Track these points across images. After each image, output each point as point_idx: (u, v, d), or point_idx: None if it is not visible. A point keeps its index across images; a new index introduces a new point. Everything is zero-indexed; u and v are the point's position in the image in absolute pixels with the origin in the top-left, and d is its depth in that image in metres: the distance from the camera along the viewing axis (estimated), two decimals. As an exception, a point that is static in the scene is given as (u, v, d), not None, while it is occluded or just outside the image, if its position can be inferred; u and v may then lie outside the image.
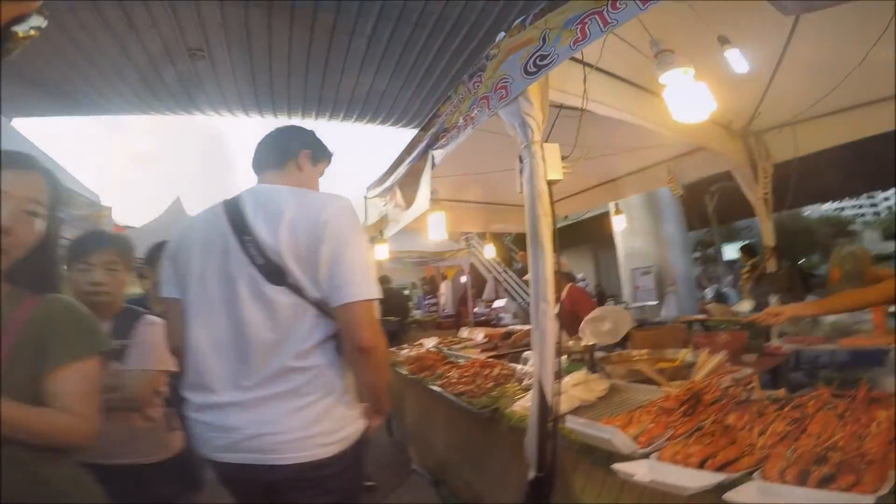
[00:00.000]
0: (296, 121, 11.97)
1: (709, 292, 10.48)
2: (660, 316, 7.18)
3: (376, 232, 4.11)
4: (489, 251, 5.71)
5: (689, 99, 1.80)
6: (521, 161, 1.64)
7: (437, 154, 2.52)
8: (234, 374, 1.12)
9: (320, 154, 1.40)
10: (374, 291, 1.12)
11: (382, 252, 4.36)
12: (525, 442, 1.53)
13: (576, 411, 1.69)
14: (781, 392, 1.42)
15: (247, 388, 1.10)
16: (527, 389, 2.17)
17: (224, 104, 10.29)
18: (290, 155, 1.33)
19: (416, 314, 9.03)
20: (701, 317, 4.55)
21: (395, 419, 4.26)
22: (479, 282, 13.72)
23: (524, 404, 1.85)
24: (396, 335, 6.51)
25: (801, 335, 2.79)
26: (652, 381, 1.95)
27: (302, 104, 10.66)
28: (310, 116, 11.50)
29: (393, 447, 4.06)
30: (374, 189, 3.79)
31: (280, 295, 1.11)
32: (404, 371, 3.24)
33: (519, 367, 2.54)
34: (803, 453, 0.97)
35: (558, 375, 1.49)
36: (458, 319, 8.31)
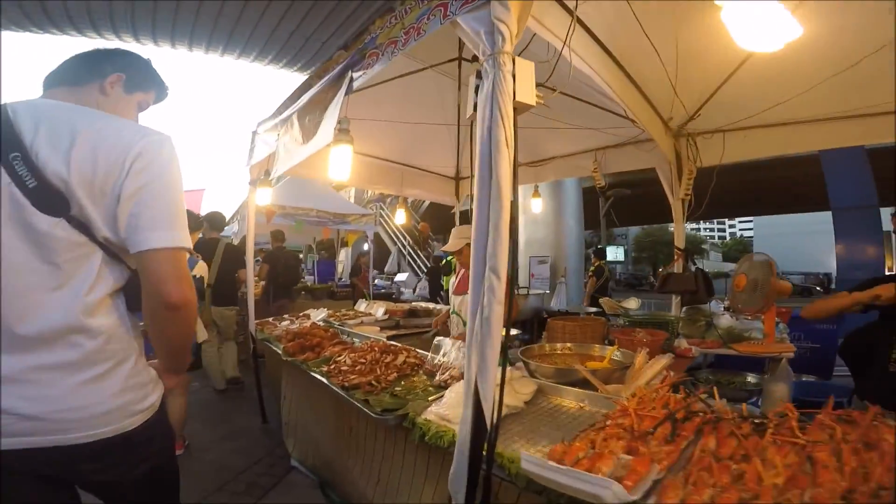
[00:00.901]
0: (201, 55, 9.70)
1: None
2: (551, 305, 7.51)
3: (260, 172, 3.32)
4: (400, 217, 5.16)
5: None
6: (479, 78, 1.17)
7: (358, 76, 1.91)
8: None
9: (139, 82, 1.18)
10: (185, 239, 0.98)
11: (265, 197, 3.56)
12: (451, 475, 1.10)
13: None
14: (744, 408, 1.20)
15: (15, 353, 0.89)
16: (441, 388, 1.75)
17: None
18: (95, 75, 1.10)
19: (308, 281, 8.13)
20: (602, 308, 4.62)
21: (270, 402, 3.64)
22: (381, 253, 13.17)
23: (441, 413, 1.43)
24: (283, 304, 5.69)
25: (698, 338, 2.85)
26: (578, 380, 1.68)
27: (209, 36, 8.65)
28: (215, 51, 9.47)
29: (267, 436, 3.43)
30: (266, 122, 2.99)
31: (56, 229, 0.91)
32: (279, 349, 2.62)
33: (429, 355, 2.12)
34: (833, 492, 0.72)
35: (501, 385, 1.07)
36: (354, 291, 7.65)
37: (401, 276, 12.58)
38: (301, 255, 9.16)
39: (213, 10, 7.37)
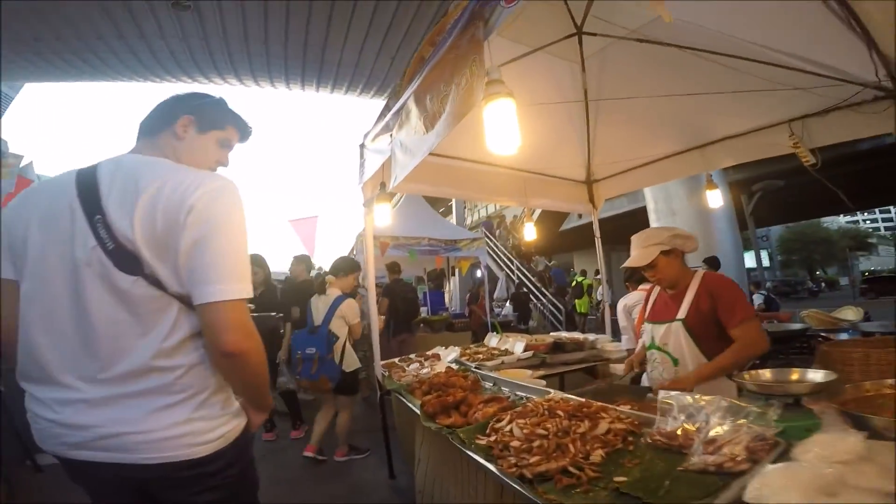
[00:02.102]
0: (298, 91, 10.68)
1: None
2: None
3: (375, 189, 2.90)
4: (530, 232, 4.42)
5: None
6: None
7: (501, 14, 1.31)
8: (82, 369, 1.00)
9: (213, 121, 1.20)
10: (243, 290, 1.00)
11: (384, 216, 3.03)
12: None
13: None
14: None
15: (98, 384, 0.99)
16: (705, 474, 0.96)
17: (210, 65, 9.04)
18: (168, 121, 1.15)
19: (423, 312, 7.78)
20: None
21: (399, 454, 3.11)
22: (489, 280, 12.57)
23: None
24: (405, 339, 5.32)
25: None
26: None
27: (301, 72, 9.42)
28: (310, 86, 10.28)
29: (397, 495, 2.90)
30: (374, 128, 2.58)
31: (135, 286, 0.98)
32: (415, 405, 2.04)
33: (655, 418, 1.33)
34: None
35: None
36: (472, 319, 7.08)
37: (510, 306, 11.74)
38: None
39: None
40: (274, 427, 4.35)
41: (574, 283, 10.54)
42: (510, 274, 13.78)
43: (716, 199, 3.49)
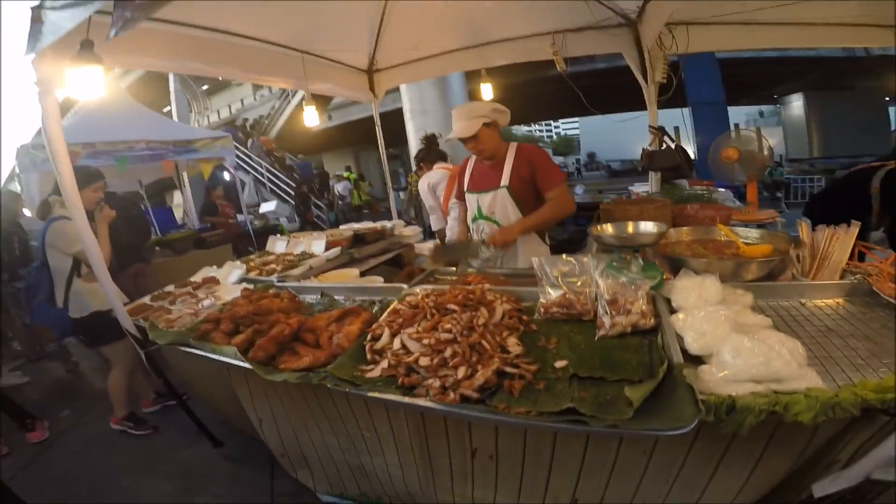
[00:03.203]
0: None
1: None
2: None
3: (60, 60, 1.72)
4: (311, 118, 3.68)
5: None
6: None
7: None
8: None
9: None
10: None
11: (88, 85, 1.72)
12: None
13: None
14: None
15: None
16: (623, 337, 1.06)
17: None
18: None
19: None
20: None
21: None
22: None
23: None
24: (140, 271, 3.95)
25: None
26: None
27: None
28: None
29: (250, 467, 2.33)
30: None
31: None
32: (225, 354, 1.46)
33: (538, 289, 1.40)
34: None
35: None
36: (229, 232, 5.91)
37: (267, 206, 10.54)
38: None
39: None
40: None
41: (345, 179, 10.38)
42: (259, 176, 12.12)
43: (487, 91, 3.80)
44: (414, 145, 9.11)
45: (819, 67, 12.01)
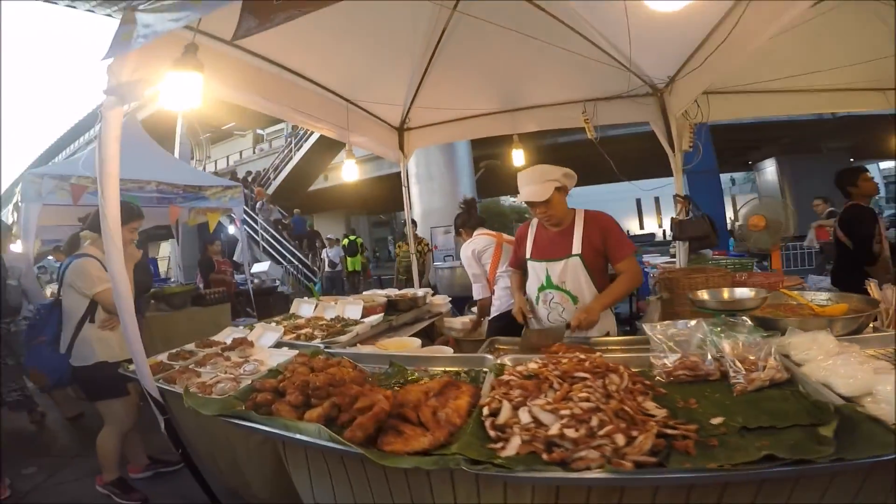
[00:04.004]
0: None
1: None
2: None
3: (144, 66, 1.67)
4: (350, 171, 3.67)
5: None
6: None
7: None
8: None
9: None
10: None
11: (188, 90, 1.68)
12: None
13: None
14: None
15: None
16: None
17: None
18: None
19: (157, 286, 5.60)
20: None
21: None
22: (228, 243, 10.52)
23: None
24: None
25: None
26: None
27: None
28: None
29: None
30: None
31: None
32: (285, 428, 1.25)
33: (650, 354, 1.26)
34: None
35: None
36: (228, 291, 5.63)
37: (260, 267, 10.27)
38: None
39: None
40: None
41: (347, 242, 10.20)
42: (252, 234, 11.99)
43: (519, 157, 3.92)
44: (419, 211, 9.25)
45: (789, 132, 12.61)
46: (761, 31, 2.04)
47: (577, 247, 2.01)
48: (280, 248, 11.57)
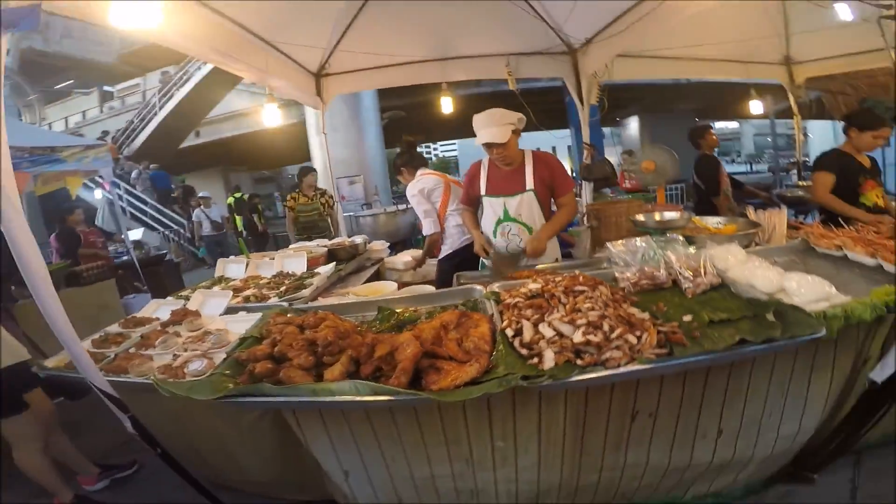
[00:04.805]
0: None
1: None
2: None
3: None
4: (272, 116, 3.23)
5: None
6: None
7: None
8: None
9: None
10: None
11: None
12: None
13: None
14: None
15: None
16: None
17: None
18: None
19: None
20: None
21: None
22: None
23: None
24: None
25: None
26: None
27: None
28: None
29: None
30: None
31: None
32: (301, 392, 1.23)
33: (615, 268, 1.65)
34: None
35: None
36: (107, 265, 4.78)
37: (133, 235, 8.80)
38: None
39: None
40: None
41: (233, 200, 9.12)
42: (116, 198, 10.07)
43: (447, 105, 3.99)
44: (320, 163, 8.60)
45: (650, 93, 14.55)
46: (686, 8, 2.33)
47: (529, 183, 2.24)
48: (152, 213, 9.98)
